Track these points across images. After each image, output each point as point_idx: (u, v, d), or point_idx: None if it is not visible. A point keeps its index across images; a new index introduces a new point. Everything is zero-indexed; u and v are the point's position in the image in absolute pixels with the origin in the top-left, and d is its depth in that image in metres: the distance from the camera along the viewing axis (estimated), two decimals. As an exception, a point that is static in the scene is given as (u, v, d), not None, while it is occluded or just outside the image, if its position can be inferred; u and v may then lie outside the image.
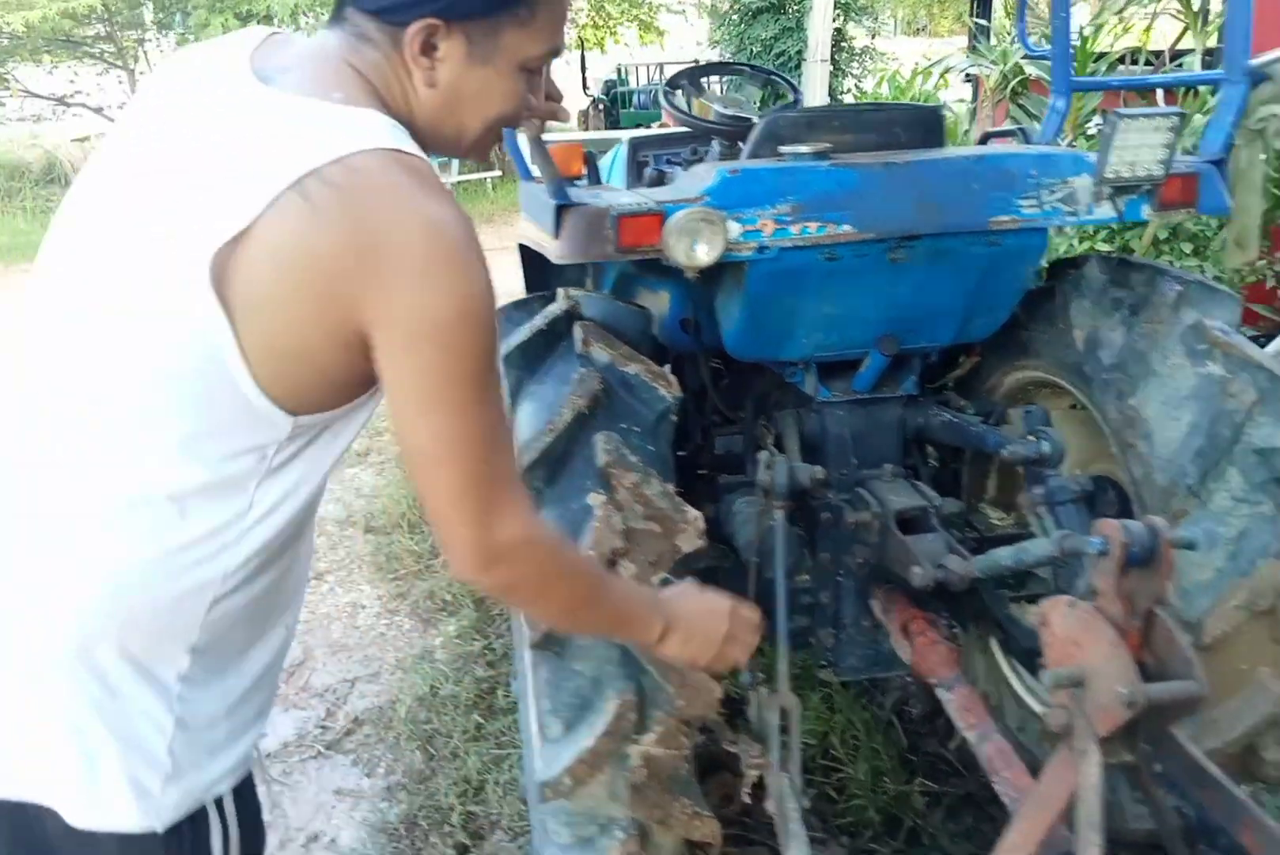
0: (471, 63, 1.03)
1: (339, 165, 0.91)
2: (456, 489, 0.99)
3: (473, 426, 0.98)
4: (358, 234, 0.90)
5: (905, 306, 1.96)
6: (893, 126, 2.02)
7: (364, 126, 0.96)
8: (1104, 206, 1.88)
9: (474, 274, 0.95)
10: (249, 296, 0.94)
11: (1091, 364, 2.09)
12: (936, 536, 1.87)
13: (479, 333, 0.96)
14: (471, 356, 0.96)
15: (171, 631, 1.03)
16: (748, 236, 1.77)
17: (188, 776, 1.06)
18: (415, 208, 0.93)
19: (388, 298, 0.92)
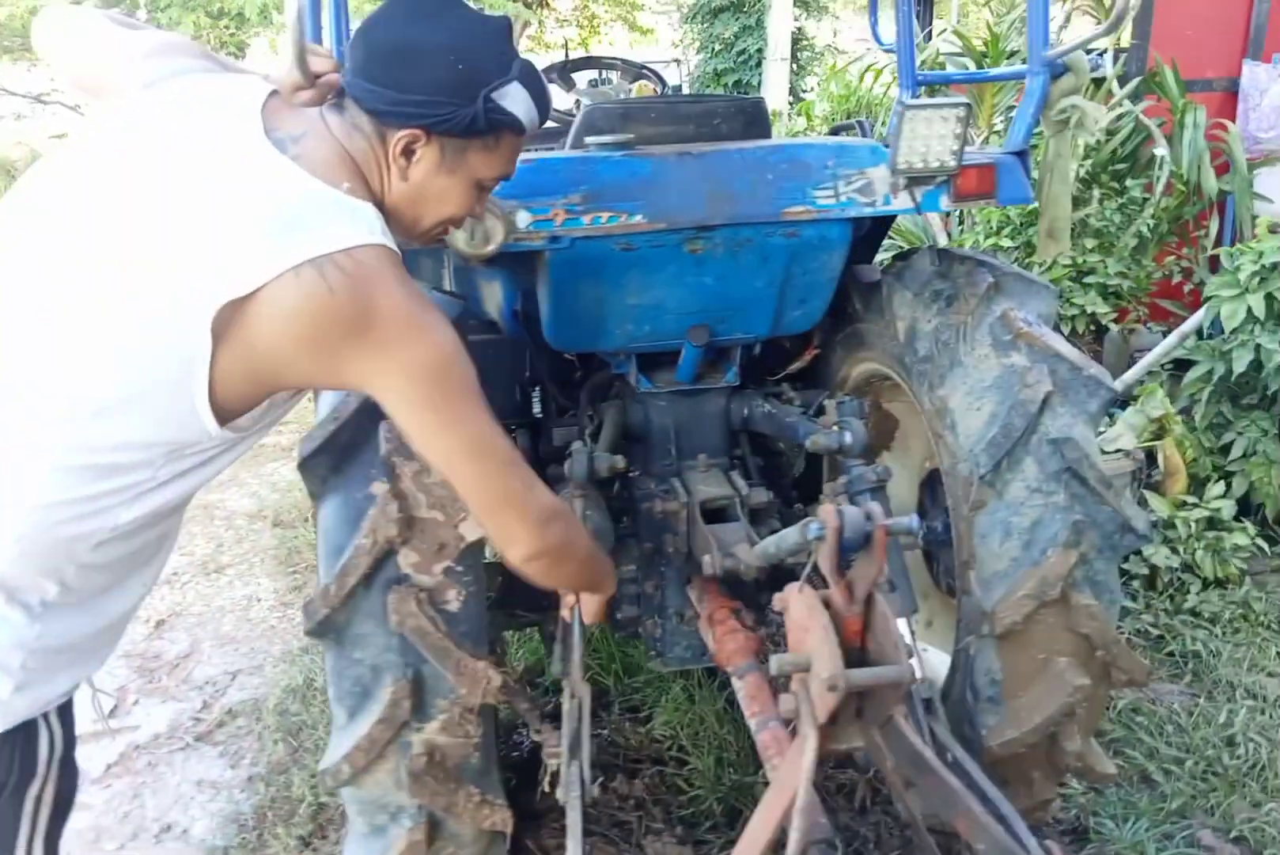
0: (440, 170, 1.30)
1: (348, 255, 1.16)
2: (489, 486, 1.31)
3: (478, 437, 1.28)
4: (362, 311, 1.17)
5: (711, 297, 1.96)
6: (711, 119, 2.03)
7: (366, 223, 1.22)
8: (901, 197, 1.88)
9: (440, 333, 1.24)
10: (245, 340, 1.15)
11: (910, 355, 2.09)
12: (738, 526, 1.88)
13: (456, 374, 1.24)
14: (456, 391, 1.24)
15: (51, 565, 1.21)
16: (539, 226, 1.78)
17: (34, 690, 1.24)
18: (399, 293, 1.21)
19: (379, 353, 1.19)
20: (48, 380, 1.17)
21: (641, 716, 2.69)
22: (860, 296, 2.29)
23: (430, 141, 1.27)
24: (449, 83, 1.24)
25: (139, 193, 1.18)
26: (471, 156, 1.31)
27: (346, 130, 1.28)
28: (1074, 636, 1.84)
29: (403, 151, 1.27)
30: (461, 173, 1.32)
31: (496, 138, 1.31)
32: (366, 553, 1.65)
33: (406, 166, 1.29)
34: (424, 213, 1.36)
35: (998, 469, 1.84)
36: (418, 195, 1.32)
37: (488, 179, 1.36)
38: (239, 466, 4.68)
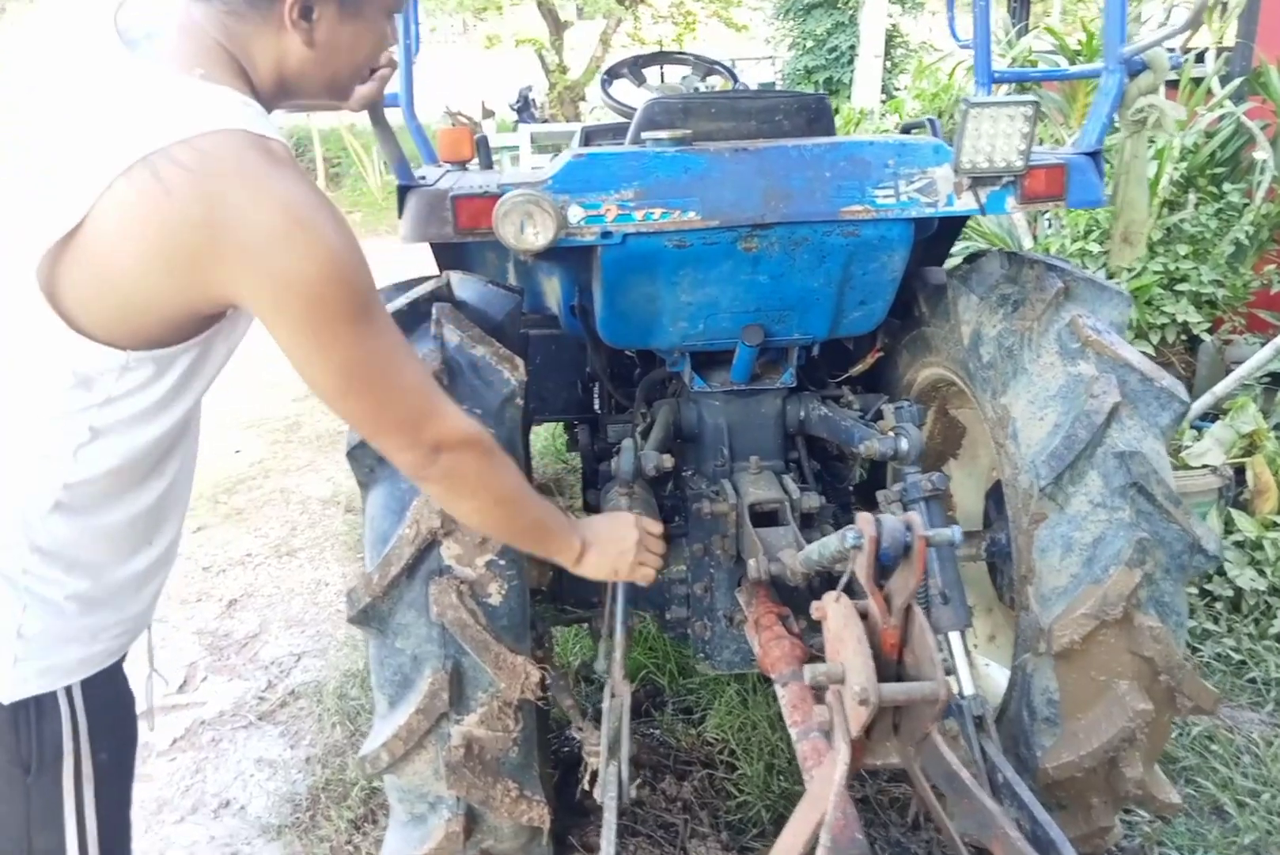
0: (344, 18, 1.15)
1: (187, 146, 0.99)
2: (374, 414, 1.17)
3: (364, 358, 1.11)
4: (210, 212, 0.99)
5: (767, 297, 1.93)
6: (773, 115, 1.99)
7: (216, 106, 1.04)
8: (965, 198, 1.82)
9: (327, 237, 1.04)
10: (89, 265, 1.03)
11: (974, 361, 2.03)
12: (786, 530, 1.85)
13: (343, 283, 1.06)
14: (341, 303, 1.07)
15: (14, 530, 1.14)
16: (591, 221, 1.77)
17: (35, 661, 1.18)
18: (264, 186, 1.02)
19: (246, 269, 1.02)
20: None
21: (694, 718, 2.68)
22: (926, 299, 2.23)
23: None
24: None
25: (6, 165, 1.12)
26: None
27: (219, 20, 1.11)
28: (1136, 659, 1.76)
29: (300, 16, 1.12)
30: (366, 9, 1.17)
31: None
32: (409, 543, 1.66)
33: (310, 29, 1.14)
34: (340, 67, 1.20)
35: (1059, 481, 1.77)
36: (329, 53, 1.17)
37: (395, 6, 1.22)
38: (316, 452, 4.80)
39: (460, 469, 1.25)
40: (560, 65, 14.94)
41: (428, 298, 1.94)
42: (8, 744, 1.19)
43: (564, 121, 15.06)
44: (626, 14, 13.71)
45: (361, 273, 1.10)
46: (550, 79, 14.95)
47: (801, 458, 2.18)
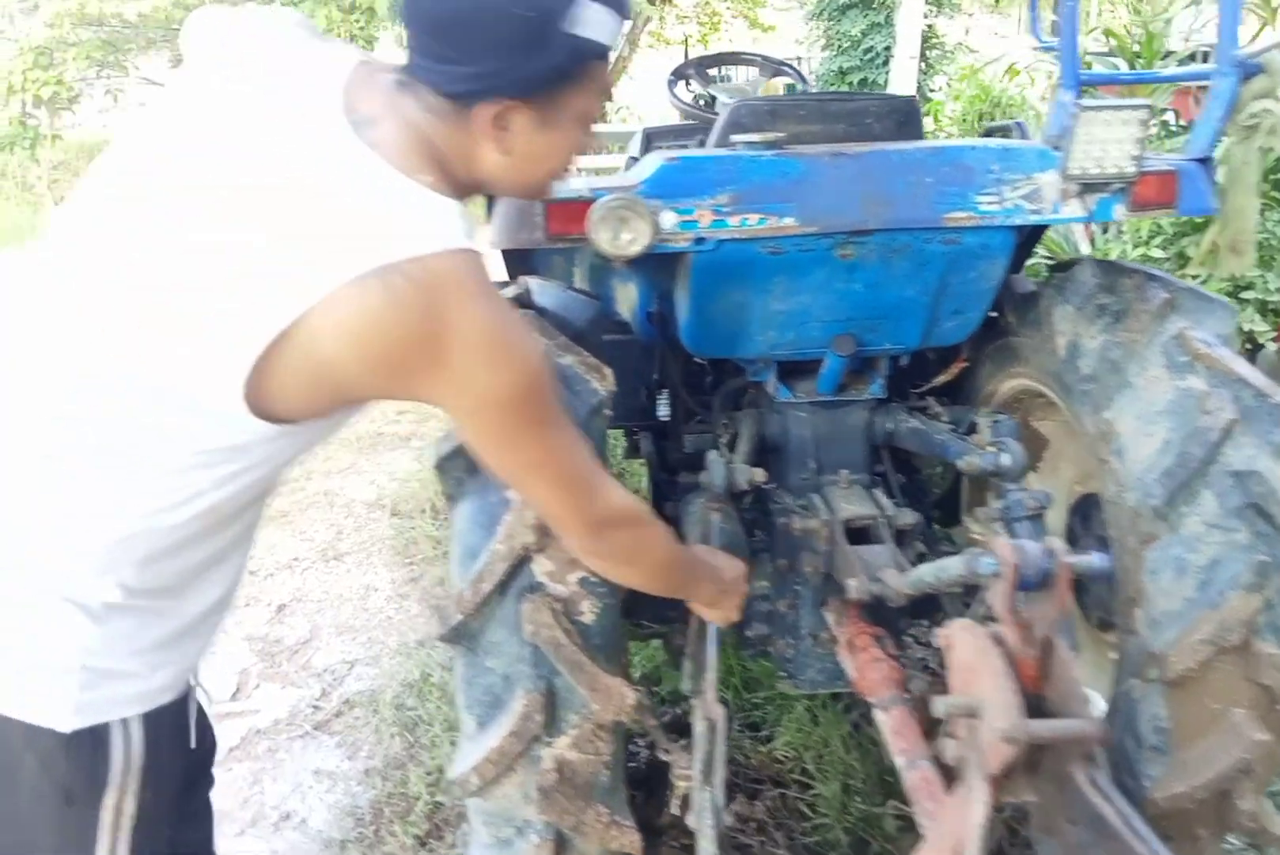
0: (540, 129, 1.16)
1: (421, 264, 1.03)
2: (551, 496, 1.27)
3: (545, 453, 1.21)
4: (432, 327, 1.05)
5: (861, 306, 1.87)
6: (863, 118, 1.94)
7: (444, 223, 1.08)
8: (1071, 205, 1.76)
9: (526, 355, 1.13)
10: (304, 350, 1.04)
11: (1071, 373, 1.97)
12: (884, 548, 1.79)
13: (534, 396, 1.15)
14: (531, 413, 1.16)
15: (106, 565, 1.13)
16: (684, 227, 1.72)
17: (96, 692, 1.16)
18: (479, 306, 1.08)
19: (453, 380, 1.09)
20: (100, 370, 1.10)
21: (762, 735, 2.62)
22: (1014, 308, 2.17)
23: (520, 106, 1.12)
24: (517, 36, 1.07)
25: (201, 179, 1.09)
26: (567, 101, 1.15)
27: (422, 114, 1.13)
28: (1254, 687, 1.69)
29: (494, 126, 1.13)
30: (564, 121, 1.17)
31: (584, 70, 1.14)
32: (502, 559, 1.61)
33: (504, 138, 1.15)
34: (535, 173, 1.23)
35: (1172, 501, 1.71)
36: (523, 161, 1.19)
37: (592, 111, 1.21)
38: (358, 454, 4.76)
39: (625, 544, 1.36)
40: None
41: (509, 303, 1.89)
42: (57, 771, 1.17)
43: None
44: (654, 13, 13.65)
45: (549, 383, 1.17)
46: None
47: (888, 471, 2.12)
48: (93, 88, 11.87)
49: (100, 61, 11.55)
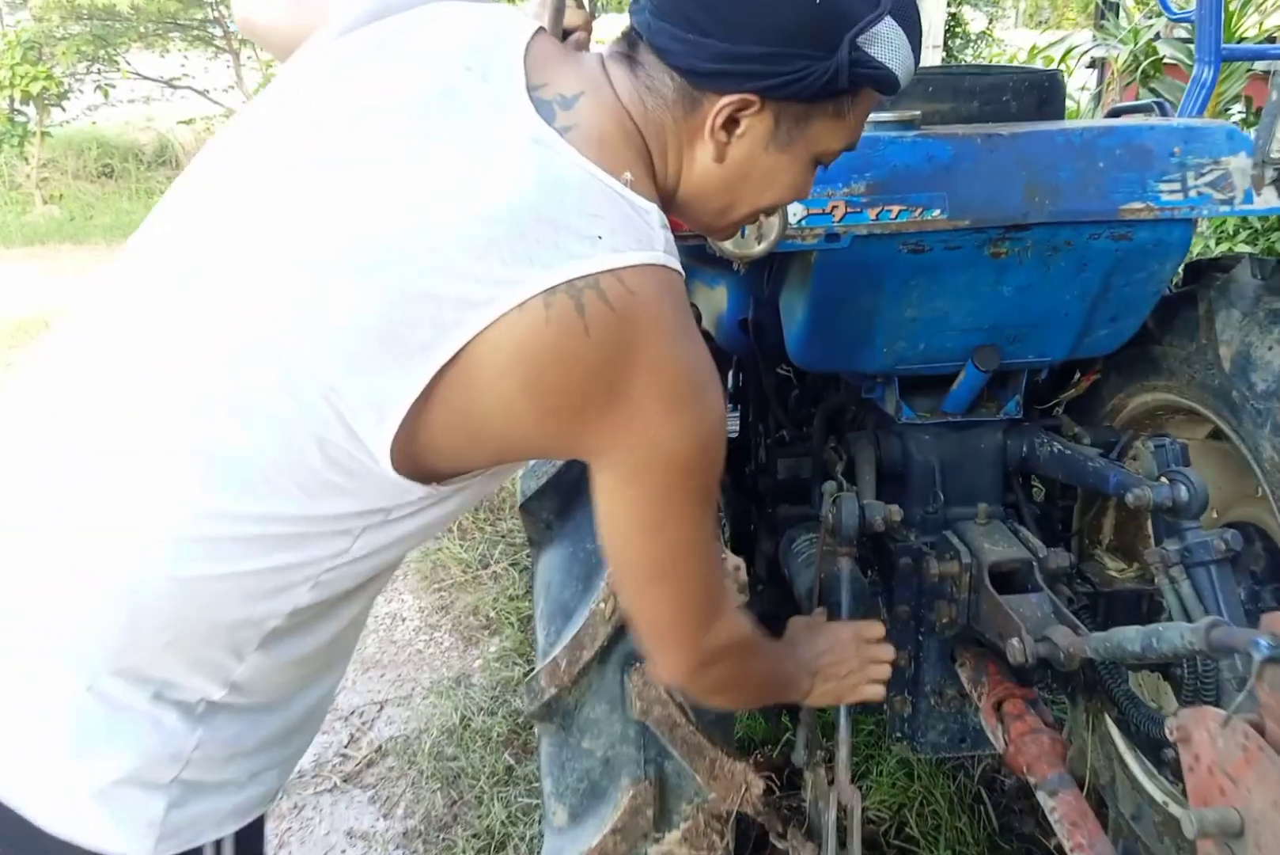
0: (769, 146, 0.95)
1: (616, 279, 0.82)
2: (672, 607, 1.00)
3: (692, 546, 0.96)
4: (618, 360, 0.84)
5: (1009, 312, 1.60)
6: (1000, 94, 1.66)
7: (647, 230, 0.87)
8: (1267, 194, 1.49)
9: (713, 408, 0.91)
10: (466, 387, 0.84)
11: (1241, 388, 1.70)
12: (1041, 598, 1.52)
13: (709, 463, 0.93)
14: (699, 484, 0.94)
15: (211, 658, 0.92)
16: (813, 221, 1.45)
17: (191, 809, 0.94)
18: (676, 341, 0.87)
19: (628, 430, 0.87)
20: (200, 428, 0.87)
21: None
22: (1155, 314, 1.90)
23: (764, 110, 0.92)
24: (801, 26, 0.87)
25: (334, 178, 0.88)
26: (815, 126, 0.95)
27: (639, 93, 0.93)
28: None
29: (724, 124, 0.93)
30: (798, 147, 0.96)
31: (854, 98, 0.94)
32: (604, 622, 1.34)
33: (726, 143, 0.94)
34: (738, 200, 1.01)
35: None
36: (736, 179, 0.98)
37: (830, 152, 1.00)
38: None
39: (729, 675, 1.09)
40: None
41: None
42: None
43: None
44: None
45: (721, 452, 0.95)
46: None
47: (1020, 501, 1.84)
48: (82, 83, 11.55)
49: (90, 56, 11.24)
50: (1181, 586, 1.51)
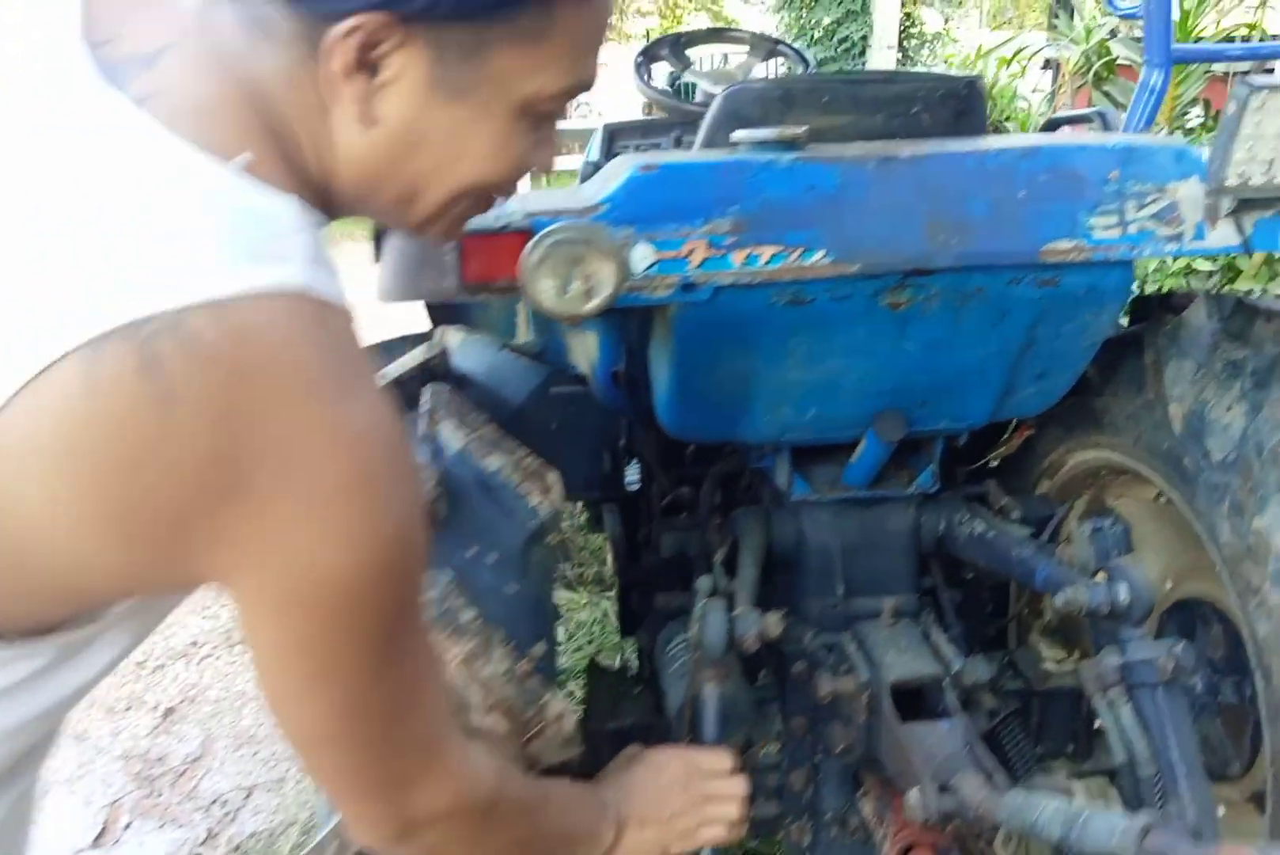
0: (438, 92, 0.65)
1: (216, 317, 0.54)
2: (349, 771, 0.73)
3: (375, 698, 0.69)
4: (229, 442, 0.55)
5: (915, 373, 1.32)
6: (908, 105, 1.39)
7: (273, 237, 0.58)
8: (1221, 229, 1.22)
9: (393, 507, 0.62)
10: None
11: (1195, 455, 1.43)
12: (952, 727, 1.23)
13: (395, 585, 0.64)
14: (378, 618, 0.65)
15: None
16: (664, 268, 1.16)
17: None
18: (321, 408, 0.58)
19: (260, 539, 0.59)
20: None
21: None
22: (1097, 361, 1.62)
23: (409, 37, 0.63)
24: None
25: None
26: (500, 57, 0.65)
27: (248, 38, 0.64)
28: None
29: (355, 63, 0.63)
30: (485, 92, 0.66)
31: (545, 11, 0.65)
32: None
33: (367, 93, 0.65)
34: (422, 180, 0.70)
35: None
36: (400, 149, 0.67)
37: (543, 97, 0.69)
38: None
39: (452, 842, 0.82)
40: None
41: (417, 373, 1.32)
42: None
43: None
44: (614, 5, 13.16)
45: (420, 567, 0.68)
46: (534, 75, 14.43)
47: (939, 587, 1.56)
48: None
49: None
50: (1121, 711, 1.23)
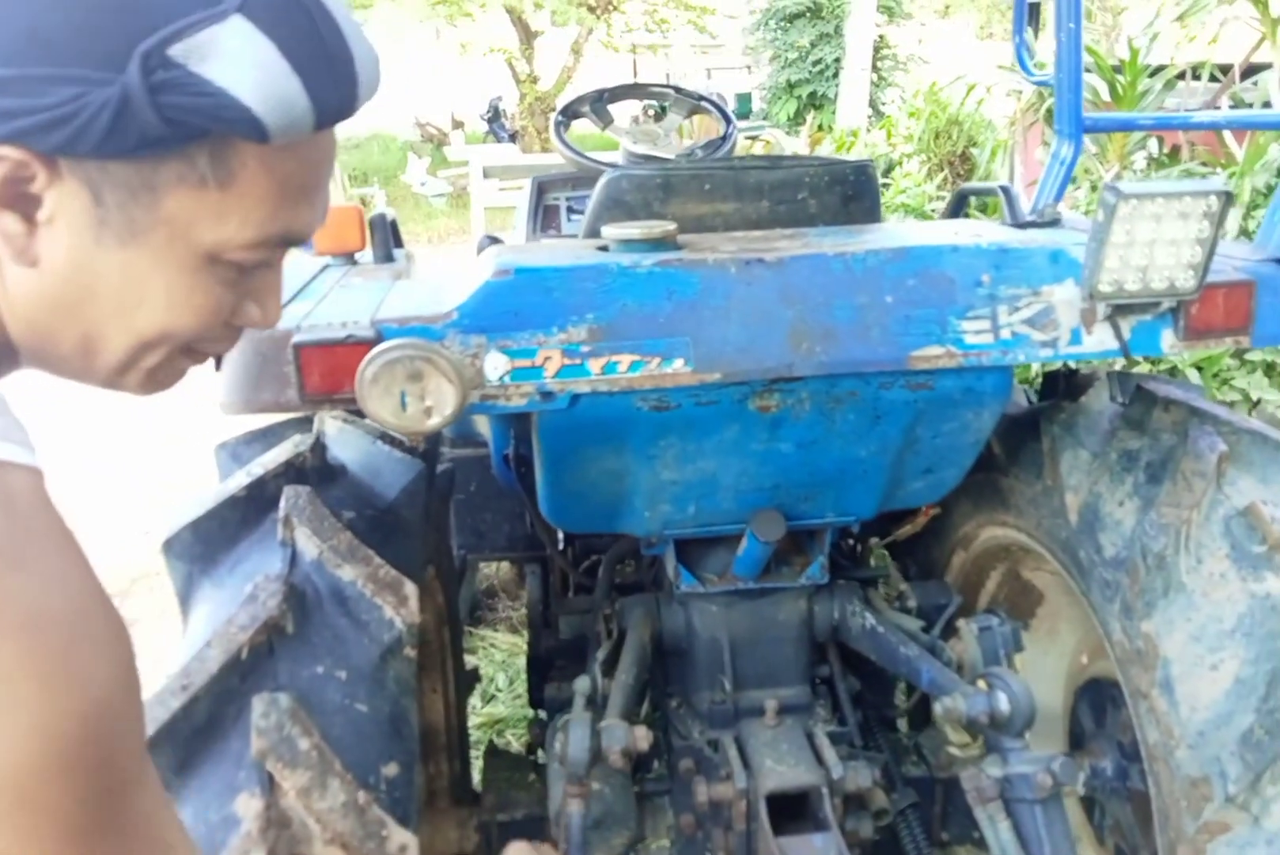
0: (104, 233, 0.60)
1: None
2: None
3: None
4: None
5: (793, 471, 1.29)
6: (795, 191, 1.36)
7: None
8: (1098, 333, 1.19)
9: (79, 686, 0.56)
10: None
11: (1089, 549, 1.40)
12: (826, 842, 1.20)
13: (64, 786, 0.56)
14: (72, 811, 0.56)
15: None
16: (519, 376, 1.13)
17: None
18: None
19: None
20: None
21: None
22: (1002, 436, 1.59)
23: (60, 175, 0.58)
24: (67, 32, 0.56)
25: None
26: (171, 200, 0.61)
27: None
28: None
29: (5, 201, 0.58)
30: (158, 236, 0.62)
31: (216, 151, 0.60)
32: None
33: (27, 234, 0.60)
34: (98, 329, 0.64)
35: (1256, 783, 1.14)
36: (72, 295, 0.62)
37: (230, 245, 0.63)
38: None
39: None
40: (531, 75, 14.37)
41: (282, 470, 1.29)
42: None
43: (535, 133, 14.45)
44: (598, 23, 13.14)
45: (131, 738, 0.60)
46: (521, 89, 14.37)
47: (834, 676, 1.53)
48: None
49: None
50: (1000, 827, 1.20)
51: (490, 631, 3.11)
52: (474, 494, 2.09)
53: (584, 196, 2.38)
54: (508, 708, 2.81)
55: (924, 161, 5.48)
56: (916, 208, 4.48)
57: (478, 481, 2.07)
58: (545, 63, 14.78)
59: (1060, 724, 1.82)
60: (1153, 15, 3.57)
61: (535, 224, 2.43)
